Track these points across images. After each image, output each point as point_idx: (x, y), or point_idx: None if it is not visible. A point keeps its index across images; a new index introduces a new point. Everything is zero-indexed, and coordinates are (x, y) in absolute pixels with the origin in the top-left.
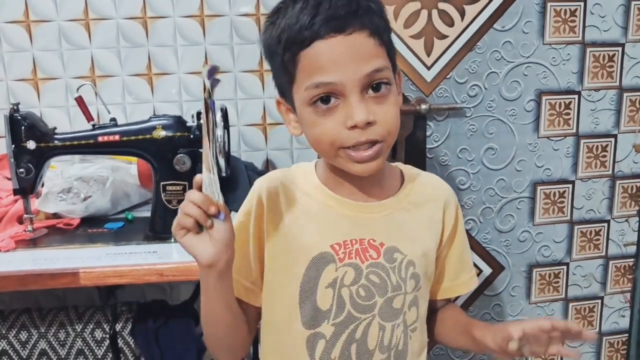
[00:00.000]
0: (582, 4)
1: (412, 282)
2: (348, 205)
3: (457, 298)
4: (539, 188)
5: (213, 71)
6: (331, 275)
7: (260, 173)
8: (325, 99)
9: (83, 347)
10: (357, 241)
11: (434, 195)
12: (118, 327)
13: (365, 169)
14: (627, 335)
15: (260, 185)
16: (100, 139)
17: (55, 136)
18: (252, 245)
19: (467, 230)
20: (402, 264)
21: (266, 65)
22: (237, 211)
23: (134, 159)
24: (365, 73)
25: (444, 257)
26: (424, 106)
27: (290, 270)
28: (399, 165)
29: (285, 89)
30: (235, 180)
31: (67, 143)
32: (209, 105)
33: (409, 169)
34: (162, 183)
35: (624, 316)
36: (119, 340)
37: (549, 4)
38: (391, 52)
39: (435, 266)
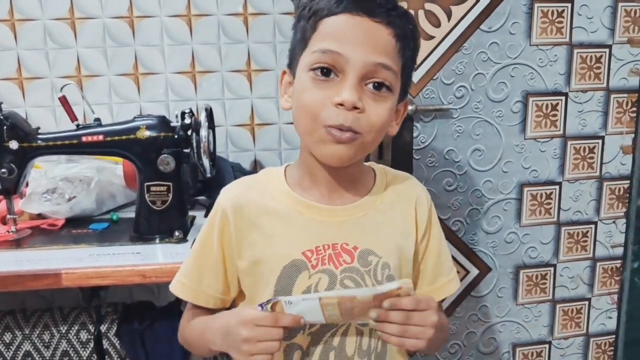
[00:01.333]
0: (569, 5)
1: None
2: (318, 210)
3: (443, 301)
4: (525, 189)
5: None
6: (305, 283)
7: (248, 173)
8: (325, 71)
9: (68, 349)
10: (330, 246)
11: (406, 194)
12: (103, 328)
13: (336, 152)
14: (614, 336)
15: (224, 198)
16: (84, 139)
17: (39, 136)
18: (220, 261)
19: (454, 232)
20: (378, 266)
21: (254, 65)
22: None
23: (120, 159)
24: (372, 61)
25: (419, 261)
26: (410, 107)
27: (261, 281)
28: (372, 165)
29: (295, 57)
30: (222, 181)
31: (51, 143)
32: None
33: (381, 169)
34: (146, 183)
35: (611, 318)
36: (104, 342)
37: (536, 5)
38: (406, 75)
39: (412, 269)
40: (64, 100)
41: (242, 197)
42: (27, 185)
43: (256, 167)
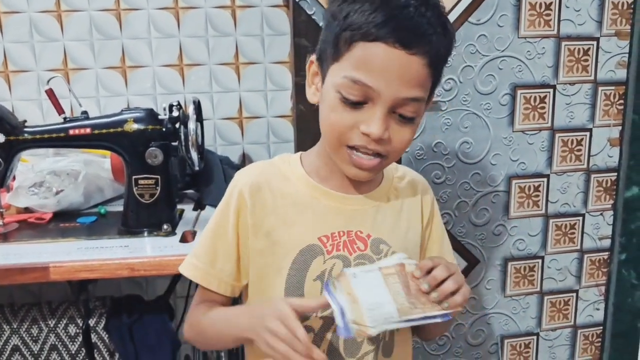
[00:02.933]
0: None
1: None
2: (335, 198)
3: None
4: (513, 182)
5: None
6: (319, 267)
7: (236, 167)
8: (354, 102)
9: (56, 343)
10: (345, 233)
11: (412, 186)
12: (92, 322)
13: (359, 175)
14: (601, 328)
15: (241, 179)
16: (71, 132)
17: (25, 129)
18: (234, 243)
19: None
20: (388, 255)
21: (242, 58)
22: (212, 205)
23: (108, 152)
24: (403, 96)
25: (424, 250)
26: None
27: (275, 264)
28: None
29: (325, 58)
30: (210, 174)
31: (38, 136)
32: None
33: None
34: (134, 177)
35: (598, 309)
36: (92, 336)
37: None
38: (436, 84)
39: (418, 258)
40: (50, 93)
41: (260, 179)
42: (14, 178)
43: (245, 160)
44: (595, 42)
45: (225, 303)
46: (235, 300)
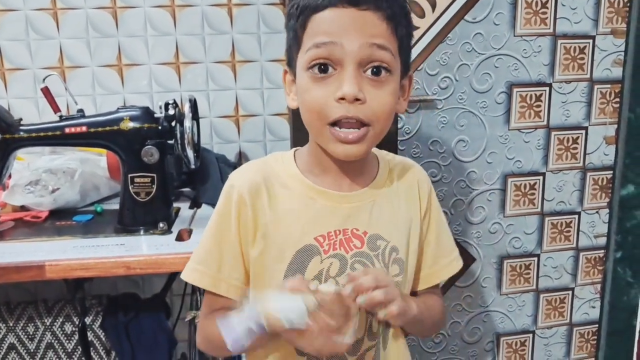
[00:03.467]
0: None
1: (396, 267)
2: (330, 196)
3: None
4: (509, 180)
5: None
6: (317, 267)
7: (233, 165)
8: (323, 68)
9: (52, 341)
10: (341, 231)
11: (408, 178)
12: (88, 320)
13: (348, 152)
14: (597, 325)
15: (238, 180)
16: (67, 130)
17: (21, 127)
18: (238, 245)
19: None
20: (386, 250)
21: (238, 56)
22: (208, 203)
23: (104, 150)
24: (366, 42)
25: (421, 244)
26: None
27: (273, 265)
28: (374, 150)
29: (292, 57)
30: (207, 172)
31: (34, 134)
32: None
33: (383, 154)
34: (130, 175)
35: (594, 307)
36: (88, 334)
37: None
38: (404, 52)
39: (417, 250)
40: (46, 92)
41: (257, 178)
42: (9, 177)
43: (241, 158)
44: (591, 41)
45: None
46: None
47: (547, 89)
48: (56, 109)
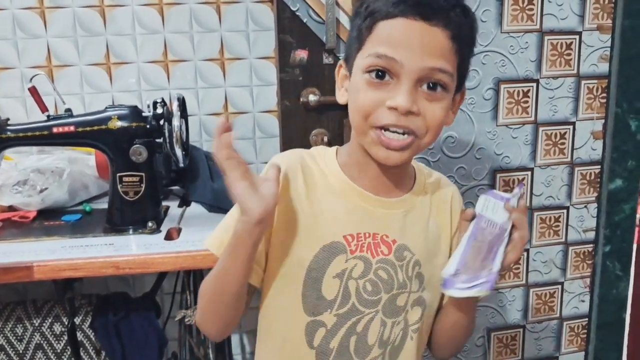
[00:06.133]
0: None
1: (417, 282)
2: (366, 198)
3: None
4: (498, 175)
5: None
6: (340, 265)
7: None
8: (380, 74)
9: (41, 342)
10: (371, 235)
11: (443, 193)
12: (77, 320)
13: (389, 157)
14: (587, 319)
15: (284, 160)
16: (55, 130)
17: (8, 127)
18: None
19: None
20: (410, 262)
21: (227, 54)
22: (197, 201)
23: (93, 150)
24: (427, 66)
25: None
26: None
27: (298, 255)
28: (412, 161)
29: (351, 54)
30: (196, 170)
31: (21, 134)
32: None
33: (421, 167)
34: (118, 174)
35: (583, 301)
36: (78, 334)
37: None
38: (462, 70)
39: (438, 269)
40: (34, 91)
41: (297, 167)
42: None
43: None
44: (577, 37)
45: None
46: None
47: (534, 84)
48: (44, 108)
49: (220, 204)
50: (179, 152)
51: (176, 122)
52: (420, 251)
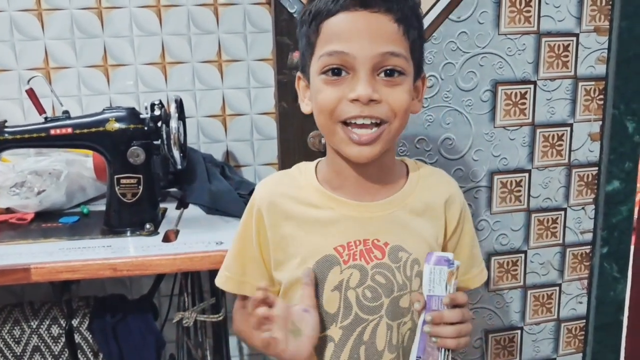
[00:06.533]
0: None
1: (418, 280)
2: (349, 206)
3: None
4: (495, 177)
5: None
6: (336, 277)
7: (220, 165)
8: (336, 71)
9: (39, 344)
10: (361, 242)
11: (438, 192)
12: (75, 322)
13: (362, 153)
14: (584, 321)
15: (258, 194)
16: (52, 132)
17: (6, 129)
18: (259, 254)
19: None
20: (407, 262)
21: (225, 56)
22: (195, 203)
23: (90, 152)
24: (379, 52)
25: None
26: None
27: (295, 276)
28: (405, 160)
29: (306, 63)
30: (193, 172)
31: (18, 136)
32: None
33: (414, 164)
34: (116, 176)
35: (581, 302)
36: (75, 336)
37: None
38: (416, 53)
39: None
40: (31, 93)
41: (275, 192)
42: None
43: (228, 158)
44: (575, 38)
45: None
46: None
47: (531, 86)
48: (41, 110)
49: (217, 205)
50: (176, 154)
51: (174, 124)
52: (417, 249)
